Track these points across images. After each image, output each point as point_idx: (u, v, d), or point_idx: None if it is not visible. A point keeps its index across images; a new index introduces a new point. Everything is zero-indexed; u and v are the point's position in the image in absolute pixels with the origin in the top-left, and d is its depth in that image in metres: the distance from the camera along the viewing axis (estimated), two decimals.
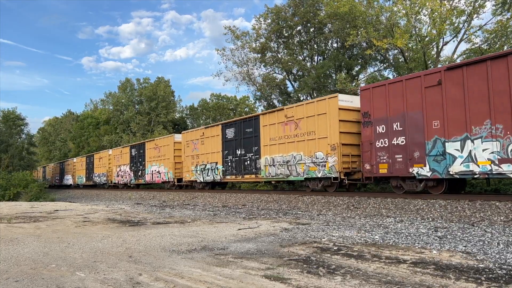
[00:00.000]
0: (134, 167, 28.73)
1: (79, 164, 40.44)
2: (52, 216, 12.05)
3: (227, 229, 8.07)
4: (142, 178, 27.68)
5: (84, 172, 38.76)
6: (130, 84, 49.01)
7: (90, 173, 37.39)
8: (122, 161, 31.31)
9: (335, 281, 3.99)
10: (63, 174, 44.98)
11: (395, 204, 10.71)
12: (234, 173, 18.24)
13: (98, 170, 35.79)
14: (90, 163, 37.74)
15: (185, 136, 22.11)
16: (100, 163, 35.54)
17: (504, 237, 6.27)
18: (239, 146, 17.92)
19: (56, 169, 47.72)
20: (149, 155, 26.78)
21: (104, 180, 34.35)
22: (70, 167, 42.58)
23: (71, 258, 5.42)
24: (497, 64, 9.55)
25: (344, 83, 22.72)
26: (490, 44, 20.59)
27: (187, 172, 22.16)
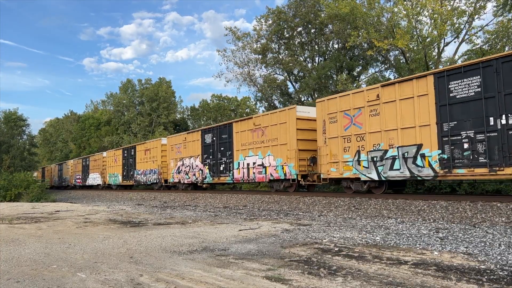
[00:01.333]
0: None
1: (111, 159, 33.07)
2: (53, 217, 12.07)
3: (228, 230, 8.07)
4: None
5: (120, 169, 31.23)
6: (131, 85, 49.08)
7: (129, 170, 29.91)
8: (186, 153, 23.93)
9: (336, 282, 3.99)
10: (87, 173, 38.26)
11: (396, 205, 10.70)
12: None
13: (144, 166, 27.70)
14: (130, 157, 30.17)
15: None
16: (148, 156, 27.23)
17: (505, 238, 6.26)
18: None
19: (77, 167, 41.44)
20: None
21: (154, 179, 26.17)
22: (98, 163, 35.86)
23: (72, 259, 5.43)
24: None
25: (345, 84, 22.72)
26: (492, 45, 20.58)
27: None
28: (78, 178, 40.72)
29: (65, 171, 45.43)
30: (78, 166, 40.73)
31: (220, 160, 19.50)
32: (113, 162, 32.41)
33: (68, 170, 44.57)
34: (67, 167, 45.10)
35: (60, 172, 47.28)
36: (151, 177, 26.52)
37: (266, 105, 32.86)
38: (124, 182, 30.54)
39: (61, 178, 47.17)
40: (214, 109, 46.62)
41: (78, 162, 41.06)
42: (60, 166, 48.10)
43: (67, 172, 44.91)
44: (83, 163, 39.43)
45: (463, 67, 10.38)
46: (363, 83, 28.03)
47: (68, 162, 45.00)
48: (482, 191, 15.13)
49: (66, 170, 45.47)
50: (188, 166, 22.18)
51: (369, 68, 29.67)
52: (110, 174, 32.83)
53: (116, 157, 32.27)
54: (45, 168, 55.15)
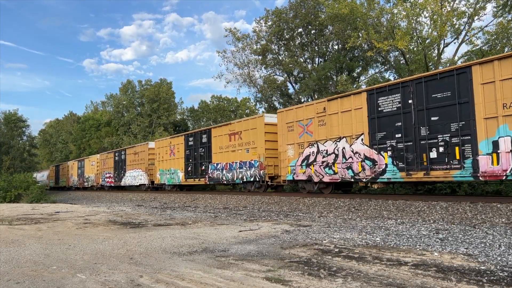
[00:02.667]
0: None
1: (163, 151, 25.00)
2: (53, 218, 12.06)
3: (228, 231, 8.07)
4: None
5: (181, 163, 23.16)
6: (131, 85, 49.10)
7: (196, 165, 21.82)
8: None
9: (336, 283, 3.99)
10: (122, 170, 30.92)
11: (396, 206, 10.70)
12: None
13: (222, 158, 19.64)
14: (198, 147, 21.66)
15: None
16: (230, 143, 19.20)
17: (505, 239, 6.26)
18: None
19: (106, 163, 34.12)
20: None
21: (252, 174, 17.71)
22: (141, 156, 27.95)
23: (72, 260, 5.42)
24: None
25: (345, 84, 22.74)
26: (491, 45, 20.60)
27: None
28: (108, 177, 33.57)
29: (88, 169, 38.58)
30: (109, 161, 33.61)
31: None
32: (168, 154, 24.68)
33: (92, 168, 37.73)
34: (90, 163, 38.16)
35: (81, 170, 40.44)
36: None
37: (266, 106, 32.89)
38: (191, 181, 22.28)
39: (82, 177, 40.27)
40: (214, 110, 46.66)
41: (109, 156, 33.95)
42: (80, 163, 40.94)
43: (91, 169, 38.03)
44: (116, 158, 32.44)
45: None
46: (363, 84, 28.07)
47: (92, 158, 38.49)
48: (482, 192, 15.13)
49: (89, 167, 38.44)
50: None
51: (369, 69, 29.72)
52: (163, 170, 25.24)
53: (173, 147, 24.10)
54: (60, 166, 48.91)
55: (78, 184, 41.24)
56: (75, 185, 42.10)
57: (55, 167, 50.96)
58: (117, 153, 32.98)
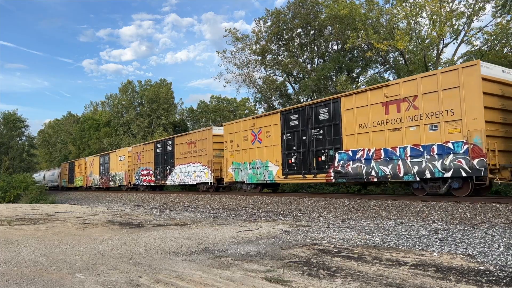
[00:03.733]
0: None
1: (239, 137, 18.69)
2: (52, 218, 12.05)
3: (227, 231, 8.07)
4: None
5: (275, 152, 16.55)
6: (131, 86, 49.08)
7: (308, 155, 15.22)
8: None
9: (335, 283, 3.99)
10: (169, 165, 24.27)
11: (395, 206, 10.70)
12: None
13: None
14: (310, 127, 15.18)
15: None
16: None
17: (504, 239, 6.26)
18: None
19: (143, 156, 27.78)
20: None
21: None
22: (203, 145, 21.50)
23: (72, 260, 5.42)
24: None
25: (345, 85, 22.75)
26: (491, 46, 20.62)
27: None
28: (146, 174, 26.99)
29: (115, 165, 32.14)
30: (147, 155, 27.08)
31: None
32: (249, 141, 18.11)
33: (121, 163, 31.11)
34: (118, 158, 31.59)
35: (105, 166, 34.08)
36: None
37: (265, 106, 32.90)
38: (296, 177, 15.77)
39: (106, 175, 33.60)
40: (213, 111, 46.66)
41: (146, 148, 27.24)
42: (103, 158, 34.61)
43: (118, 166, 31.62)
44: (157, 150, 25.75)
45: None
46: (362, 84, 28.08)
47: (121, 151, 31.79)
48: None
49: (116, 163, 32.00)
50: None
51: (369, 69, 29.73)
52: (239, 164, 18.54)
53: (258, 130, 17.59)
54: (75, 163, 42.11)
55: (100, 183, 34.71)
56: (96, 185, 35.63)
57: (68, 164, 44.98)
58: (159, 144, 25.84)
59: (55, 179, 49.29)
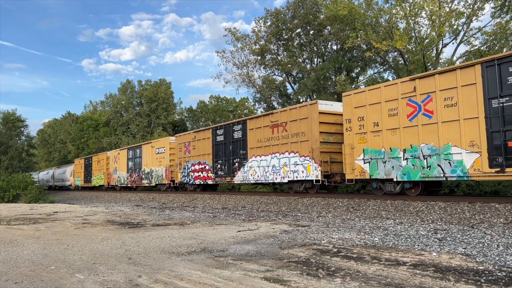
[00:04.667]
0: None
1: (374, 112, 12.55)
2: (51, 218, 12.04)
3: (226, 231, 8.07)
4: None
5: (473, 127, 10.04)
6: (130, 86, 49.05)
7: None
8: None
9: (334, 283, 3.99)
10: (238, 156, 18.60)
11: (394, 206, 10.70)
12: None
13: None
14: None
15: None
16: None
17: (503, 239, 6.27)
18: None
19: (196, 147, 21.67)
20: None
21: None
22: (300, 127, 15.39)
23: (71, 260, 5.41)
24: None
25: (344, 85, 22.76)
26: (490, 46, 20.63)
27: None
28: (200, 170, 21.11)
29: (151, 159, 26.10)
30: (201, 145, 21.02)
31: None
32: (396, 118, 12.03)
33: (159, 158, 25.15)
34: (155, 151, 25.70)
35: (135, 161, 28.19)
36: None
37: (265, 106, 32.90)
38: None
39: (138, 172, 27.73)
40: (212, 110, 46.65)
41: (201, 137, 21.13)
42: (133, 151, 28.78)
43: (154, 160, 25.66)
44: (217, 137, 19.87)
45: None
46: (361, 84, 28.09)
47: (158, 143, 25.86)
48: (480, 192, 15.15)
49: (151, 157, 26.06)
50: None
51: (368, 69, 29.74)
52: (375, 152, 12.58)
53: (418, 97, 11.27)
54: (94, 159, 36.08)
55: (128, 182, 28.90)
56: (123, 184, 29.79)
57: (84, 160, 38.57)
58: (220, 130, 19.72)
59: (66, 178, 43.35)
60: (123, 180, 30.03)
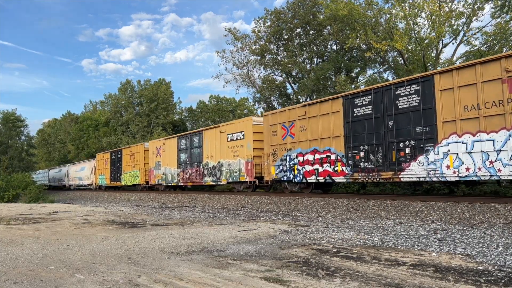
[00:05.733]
0: None
1: None
2: (51, 218, 12.03)
3: (226, 231, 8.07)
4: None
5: None
6: (130, 85, 49.04)
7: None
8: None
9: (334, 283, 3.99)
10: (407, 136, 11.72)
11: (394, 206, 10.70)
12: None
13: None
14: None
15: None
16: None
17: (503, 239, 6.27)
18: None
19: (317, 125, 14.64)
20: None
21: None
22: None
23: (70, 260, 5.41)
24: None
25: (344, 85, 22.76)
26: (490, 46, 20.63)
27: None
28: (311, 162, 14.77)
29: (217, 150, 19.99)
30: (316, 125, 14.69)
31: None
32: None
33: (234, 147, 18.91)
34: (226, 138, 19.32)
35: (190, 153, 22.14)
36: None
37: (264, 106, 32.90)
38: None
39: (195, 166, 21.63)
40: (212, 110, 46.64)
41: (319, 111, 14.59)
42: (187, 140, 22.50)
43: (226, 151, 19.31)
44: (353, 111, 13.34)
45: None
46: (361, 84, 28.09)
47: (232, 126, 19.32)
48: (480, 192, 15.15)
49: (220, 146, 19.80)
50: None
51: (368, 69, 29.75)
52: None
53: None
54: (124, 152, 30.41)
55: (181, 180, 22.80)
56: (172, 182, 23.59)
57: (110, 155, 32.59)
58: (362, 97, 12.97)
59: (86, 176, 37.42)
60: (171, 178, 23.70)
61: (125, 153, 30.17)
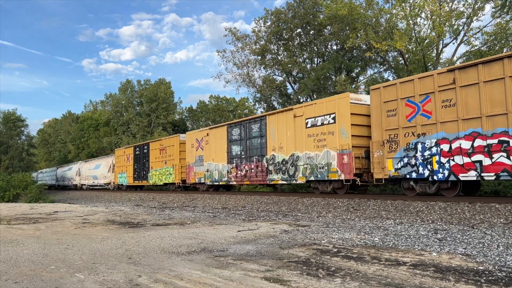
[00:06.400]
0: None
1: None
2: (51, 218, 12.04)
3: (226, 231, 8.07)
4: None
5: None
6: (130, 85, 49.04)
7: None
8: None
9: (334, 283, 3.99)
10: None
11: (394, 206, 10.70)
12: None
13: None
14: None
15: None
16: None
17: (503, 239, 6.27)
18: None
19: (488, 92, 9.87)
20: None
21: None
22: None
23: (71, 260, 5.41)
24: None
25: (344, 85, 22.74)
26: (490, 46, 20.62)
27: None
28: (464, 150, 10.22)
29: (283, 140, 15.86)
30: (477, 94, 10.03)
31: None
32: None
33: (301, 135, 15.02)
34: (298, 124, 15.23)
35: (247, 145, 18.00)
36: None
37: (265, 106, 32.89)
38: None
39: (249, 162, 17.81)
40: (212, 110, 46.64)
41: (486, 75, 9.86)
42: (241, 129, 18.46)
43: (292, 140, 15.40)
44: None
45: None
46: (361, 84, 28.09)
47: (308, 109, 14.95)
48: (481, 192, 15.14)
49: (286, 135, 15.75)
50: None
51: (368, 69, 29.73)
52: None
53: None
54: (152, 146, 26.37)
55: (234, 178, 18.57)
56: (221, 181, 19.49)
57: (134, 149, 28.62)
58: None
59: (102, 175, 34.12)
60: (219, 175, 19.52)
61: (153, 147, 25.98)
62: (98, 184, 35.41)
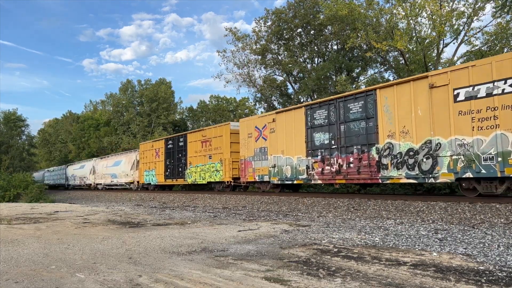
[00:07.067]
0: None
1: None
2: (52, 217, 12.05)
3: (227, 230, 8.07)
4: None
5: None
6: (131, 85, 49.06)
7: None
8: None
9: (335, 282, 3.99)
10: None
11: (395, 206, 10.70)
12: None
13: None
14: None
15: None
16: None
17: (504, 239, 6.27)
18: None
19: None
20: None
21: None
22: None
23: (71, 260, 5.42)
24: None
25: (344, 85, 22.73)
26: (490, 46, 20.61)
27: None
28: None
29: (409, 121, 11.56)
30: None
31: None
32: None
33: (451, 113, 10.43)
34: (444, 96, 10.65)
35: (350, 128, 13.33)
36: None
37: (265, 106, 32.89)
38: None
39: (343, 155, 13.52)
40: (213, 110, 46.66)
41: None
42: (329, 110, 14.03)
43: (438, 121, 10.80)
44: None
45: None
46: (362, 84, 28.08)
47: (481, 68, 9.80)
48: None
49: (417, 113, 11.30)
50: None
51: (368, 69, 29.72)
52: None
53: None
54: (190, 137, 22.46)
55: (315, 175, 14.57)
56: (295, 179, 15.36)
57: (165, 142, 24.84)
58: None
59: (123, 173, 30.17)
60: (293, 172, 15.45)
61: (192, 138, 21.90)
62: (117, 183, 31.26)
